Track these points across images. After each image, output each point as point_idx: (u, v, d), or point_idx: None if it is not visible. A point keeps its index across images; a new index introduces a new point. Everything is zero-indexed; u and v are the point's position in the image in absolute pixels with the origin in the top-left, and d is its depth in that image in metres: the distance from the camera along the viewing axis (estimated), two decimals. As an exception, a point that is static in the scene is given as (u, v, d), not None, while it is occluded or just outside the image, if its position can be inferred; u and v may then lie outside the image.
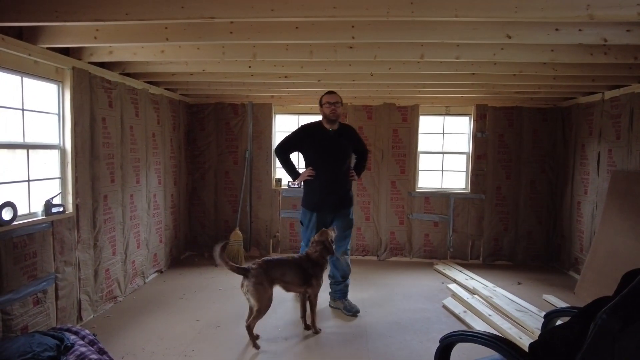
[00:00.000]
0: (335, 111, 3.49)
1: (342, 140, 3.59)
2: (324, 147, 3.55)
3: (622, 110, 4.16)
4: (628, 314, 1.05)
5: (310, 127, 3.65)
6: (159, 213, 4.79)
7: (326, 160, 3.56)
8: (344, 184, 3.63)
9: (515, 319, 3.48)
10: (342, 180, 3.60)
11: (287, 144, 3.67)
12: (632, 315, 1.04)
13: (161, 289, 4.30)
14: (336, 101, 3.49)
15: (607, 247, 4.00)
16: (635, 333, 1.05)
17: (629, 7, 2.13)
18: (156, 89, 4.61)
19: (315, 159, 3.60)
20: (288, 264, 3.19)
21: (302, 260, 3.23)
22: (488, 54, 3.11)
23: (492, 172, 5.46)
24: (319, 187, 3.56)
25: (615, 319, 1.05)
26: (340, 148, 3.58)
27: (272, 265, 3.11)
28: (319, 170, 3.56)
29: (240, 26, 2.73)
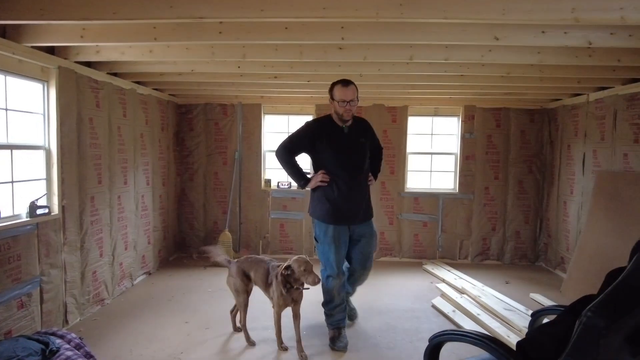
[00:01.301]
0: (350, 112, 2.94)
1: (359, 138, 3.04)
2: (339, 148, 2.98)
3: (606, 112, 4.24)
4: (612, 311, 1.07)
5: (321, 125, 3.07)
6: (147, 214, 4.74)
7: (343, 163, 2.99)
8: (365, 188, 3.11)
9: (503, 318, 3.52)
10: (363, 184, 3.08)
11: (293, 145, 3.12)
12: (616, 312, 1.06)
13: (150, 290, 4.25)
14: (352, 99, 2.90)
15: (592, 246, 4.07)
16: (619, 329, 1.07)
17: (612, 10, 2.17)
18: (144, 89, 4.56)
19: (330, 162, 3.01)
20: (261, 264, 3.09)
21: (273, 268, 3.00)
22: (476, 56, 3.15)
23: (480, 173, 5.51)
24: (336, 195, 2.98)
25: (599, 316, 1.07)
26: (357, 148, 3.02)
27: (249, 261, 3.16)
28: (335, 175, 2.99)
29: (230, 26, 2.72)
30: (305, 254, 5.62)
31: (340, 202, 2.98)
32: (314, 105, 5.51)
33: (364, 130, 3.11)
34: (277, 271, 2.89)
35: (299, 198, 5.59)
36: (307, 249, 5.63)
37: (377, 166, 3.30)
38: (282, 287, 2.81)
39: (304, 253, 5.62)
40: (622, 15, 2.17)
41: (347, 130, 3.02)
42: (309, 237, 5.62)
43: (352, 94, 2.91)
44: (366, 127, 3.17)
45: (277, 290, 2.86)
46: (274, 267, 3.00)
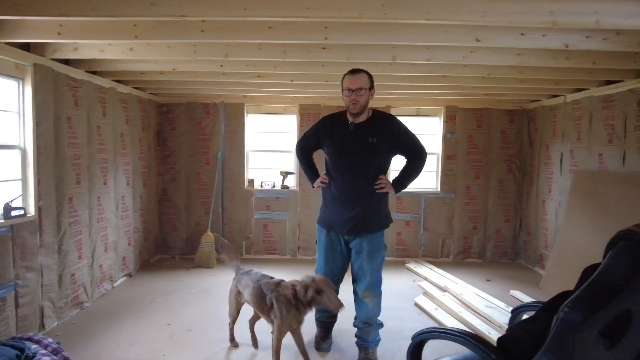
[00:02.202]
0: (357, 102, 2.59)
1: (367, 136, 2.64)
2: (339, 145, 2.72)
3: (582, 113, 4.35)
4: (587, 307, 1.10)
5: (331, 120, 2.84)
6: (128, 215, 4.66)
7: (340, 162, 2.73)
8: (366, 196, 2.69)
9: (484, 315, 3.58)
10: (361, 190, 2.68)
11: (304, 142, 2.95)
12: (592, 307, 1.09)
13: (130, 293, 4.18)
14: (359, 87, 2.57)
15: (570, 244, 4.17)
16: (594, 324, 1.09)
17: (588, 14, 2.24)
18: (125, 88, 4.48)
19: (329, 162, 2.81)
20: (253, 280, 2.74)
21: (268, 285, 2.61)
22: (458, 57, 3.19)
23: (461, 172, 5.59)
24: (330, 198, 2.80)
25: (576, 311, 1.10)
26: (360, 147, 2.65)
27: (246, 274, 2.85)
28: (333, 175, 2.78)
29: (213, 25, 2.70)
30: (289, 254, 5.61)
31: (332, 208, 2.78)
32: (298, 105, 5.50)
33: (379, 129, 2.66)
34: (281, 291, 2.51)
35: (283, 198, 5.57)
36: (291, 249, 5.62)
37: (406, 175, 2.77)
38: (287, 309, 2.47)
39: (287, 254, 5.61)
40: (597, 19, 2.24)
41: (354, 127, 2.68)
42: (293, 237, 5.61)
43: (360, 82, 2.58)
44: (385, 125, 2.69)
45: (281, 313, 2.49)
46: (268, 285, 2.61)
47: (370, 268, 2.75)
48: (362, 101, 2.62)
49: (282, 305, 2.49)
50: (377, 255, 2.76)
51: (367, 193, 2.69)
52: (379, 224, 2.76)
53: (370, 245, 2.73)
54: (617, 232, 1.12)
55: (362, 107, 2.64)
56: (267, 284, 2.63)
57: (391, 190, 2.73)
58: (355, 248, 2.77)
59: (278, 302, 2.51)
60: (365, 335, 2.85)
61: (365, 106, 2.67)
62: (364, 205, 2.69)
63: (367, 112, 2.71)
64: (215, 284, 4.46)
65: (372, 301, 2.80)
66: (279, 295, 2.52)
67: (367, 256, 2.74)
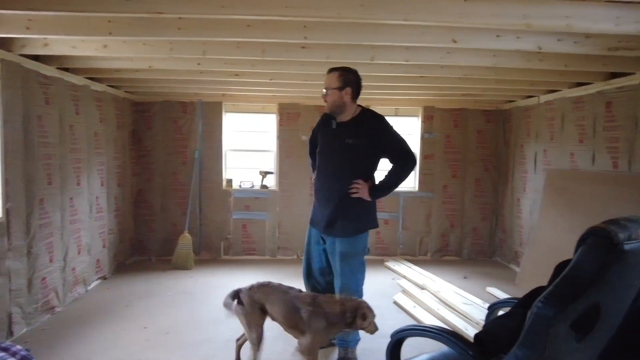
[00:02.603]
0: (326, 101, 2.63)
1: (345, 137, 2.60)
2: (322, 144, 2.77)
3: (555, 114, 4.48)
4: (559, 301, 1.13)
5: (326, 116, 2.79)
6: (103, 216, 4.54)
7: (320, 161, 2.77)
8: (339, 199, 2.63)
9: (462, 312, 3.64)
10: (335, 192, 2.64)
11: (311, 135, 2.98)
12: (563, 301, 1.12)
13: (105, 296, 4.07)
14: (326, 86, 2.61)
15: (543, 241, 4.29)
16: (565, 318, 1.13)
17: (559, 18, 2.31)
18: (99, 86, 4.36)
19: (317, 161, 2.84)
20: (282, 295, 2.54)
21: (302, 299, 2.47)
22: (435, 58, 3.24)
23: (439, 172, 5.67)
24: (314, 195, 2.88)
25: (548, 306, 1.13)
26: (336, 147, 2.65)
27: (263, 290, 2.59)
28: (317, 173, 2.83)
29: (189, 22, 2.65)
30: (268, 254, 5.58)
31: (315, 204, 2.85)
32: (277, 104, 5.48)
33: (359, 129, 2.60)
34: (325, 308, 2.39)
35: (262, 198, 5.54)
36: (270, 250, 5.59)
37: (386, 180, 2.66)
38: (326, 326, 2.37)
39: (267, 254, 5.58)
40: (568, 23, 2.32)
41: (336, 127, 2.66)
42: (273, 237, 5.58)
43: (328, 82, 2.59)
44: (366, 126, 2.61)
45: (318, 329, 2.38)
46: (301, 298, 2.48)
47: (343, 271, 2.70)
48: (330, 101, 2.61)
49: (320, 321, 2.37)
50: (351, 260, 2.68)
51: (340, 196, 2.63)
52: (350, 229, 2.65)
53: (342, 248, 2.68)
54: (587, 228, 1.16)
55: (331, 107, 2.63)
56: (299, 297, 2.49)
57: (366, 196, 2.60)
58: (329, 248, 2.77)
59: (316, 317, 2.38)
60: (344, 335, 2.80)
61: (338, 106, 2.62)
62: (336, 208, 2.65)
63: (352, 112, 2.66)
64: (193, 286, 4.40)
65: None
66: (319, 310, 2.39)
67: (340, 258, 2.70)
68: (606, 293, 1.17)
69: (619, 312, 1.30)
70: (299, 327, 2.44)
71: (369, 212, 2.74)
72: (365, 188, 2.61)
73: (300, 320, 2.41)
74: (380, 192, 2.68)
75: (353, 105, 2.67)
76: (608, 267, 1.12)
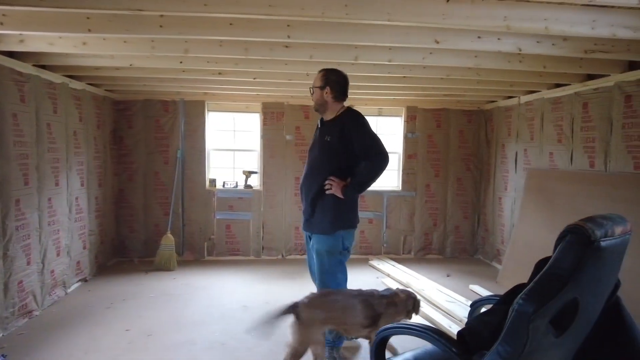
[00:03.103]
0: (313, 100, 2.78)
1: (325, 135, 2.69)
2: (311, 143, 2.90)
3: (535, 114, 4.57)
4: (540, 298, 1.15)
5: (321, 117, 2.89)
6: (83, 217, 4.44)
7: (307, 160, 2.86)
8: (315, 195, 2.69)
9: (445, 309, 3.68)
10: (312, 189, 2.71)
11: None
12: (543, 298, 1.15)
13: (86, 299, 3.99)
14: (311, 86, 2.76)
15: (524, 239, 4.38)
16: (545, 314, 1.15)
17: (538, 21, 2.36)
18: (78, 84, 4.27)
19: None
20: (346, 297, 2.57)
21: (377, 299, 2.59)
22: (418, 58, 3.27)
23: (422, 171, 5.73)
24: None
25: (529, 303, 1.15)
26: (318, 145, 2.75)
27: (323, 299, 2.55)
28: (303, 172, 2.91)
29: (171, 20, 2.61)
30: (253, 255, 5.55)
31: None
32: (261, 103, 5.45)
33: (337, 127, 2.66)
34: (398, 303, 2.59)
35: (246, 198, 5.50)
36: (255, 250, 5.56)
37: (359, 176, 2.63)
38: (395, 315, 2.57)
39: (251, 254, 5.55)
40: (546, 26, 2.37)
41: (321, 125, 2.79)
42: (257, 237, 5.55)
43: (314, 81, 2.73)
44: (342, 123, 2.65)
45: (391, 318, 2.54)
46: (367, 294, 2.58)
47: (320, 269, 2.73)
48: (314, 99, 2.74)
49: (394, 309, 2.57)
50: (326, 259, 2.69)
51: (316, 191, 2.68)
52: (325, 225, 2.67)
53: (317, 245, 2.72)
54: (566, 226, 1.18)
55: (315, 105, 2.76)
56: (365, 294, 2.60)
57: (338, 193, 2.61)
58: (310, 245, 2.84)
59: (390, 307, 2.56)
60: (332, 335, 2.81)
61: (320, 104, 2.72)
62: (312, 203, 2.71)
63: (335, 111, 2.72)
64: (176, 287, 4.34)
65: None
66: (390, 301, 2.59)
67: (316, 255, 2.74)
68: (584, 289, 1.20)
69: (596, 308, 1.33)
70: (375, 323, 2.50)
71: (345, 210, 2.70)
72: (339, 185, 2.63)
73: (378, 316, 2.51)
74: (352, 190, 2.65)
75: (336, 105, 2.73)
76: (586, 263, 1.15)
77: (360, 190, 2.70)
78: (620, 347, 1.38)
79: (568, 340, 1.28)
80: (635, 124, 3.30)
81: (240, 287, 4.38)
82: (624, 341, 1.38)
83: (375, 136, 2.66)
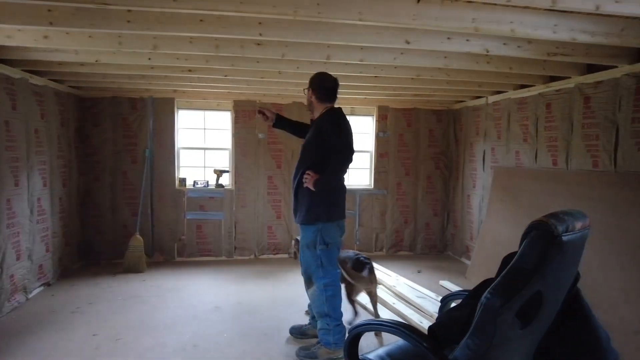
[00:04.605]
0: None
1: (308, 133, 2.96)
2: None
3: (502, 114, 4.72)
4: (506, 292, 1.19)
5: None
6: (45, 219, 4.26)
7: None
8: (295, 186, 2.91)
9: (416, 305, 3.75)
10: (293, 181, 2.94)
11: None
12: (509, 292, 1.19)
13: (49, 304, 3.83)
14: (304, 87, 2.99)
15: (492, 235, 4.51)
16: (511, 307, 1.19)
17: (504, 23, 2.44)
18: (39, 80, 4.08)
19: None
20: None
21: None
22: (389, 58, 3.31)
23: (393, 170, 5.82)
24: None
25: (496, 297, 1.19)
26: (303, 146, 2.96)
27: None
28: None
29: (139, 15, 2.53)
30: (225, 255, 5.48)
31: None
32: (232, 101, 5.39)
33: (315, 126, 2.88)
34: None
35: (217, 197, 5.42)
36: (227, 250, 5.49)
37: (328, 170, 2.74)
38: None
39: (223, 255, 5.48)
40: (512, 28, 2.45)
41: (310, 123, 3.03)
42: (229, 238, 5.48)
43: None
44: (320, 123, 2.83)
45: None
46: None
47: (303, 259, 2.97)
48: (307, 101, 2.97)
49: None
50: (306, 249, 2.89)
51: (297, 184, 2.88)
52: (301, 216, 2.89)
53: (302, 234, 2.96)
54: (530, 222, 1.23)
55: (307, 105, 2.99)
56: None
57: (311, 186, 2.73)
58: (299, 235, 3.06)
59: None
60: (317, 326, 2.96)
61: (309, 104, 2.96)
62: (295, 195, 2.93)
63: (319, 111, 2.90)
64: (146, 289, 4.23)
65: (310, 291, 2.96)
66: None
67: (301, 245, 2.96)
68: (547, 282, 1.25)
69: (558, 299, 1.39)
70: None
71: (317, 202, 2.79)
72: (312, 179, 2.74)
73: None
74: (319, 183, 2.74)
75: (321, 106, 2.91)
76: (549, 257, 1.20)
77: (325, 184, 2.77)
78: (580, 335, 1.44)
79: (533, 331, 1.33)
80: (594, 124, 3.46)
81: (212, 288, 4.32)
82: (584, 330, 1.45)
83: (342, 134, 2.78)
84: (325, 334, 2.84)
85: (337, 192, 2.91)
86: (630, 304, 2.78)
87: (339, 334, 2.82)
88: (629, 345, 2.64)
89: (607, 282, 2.96)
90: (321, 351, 2.84)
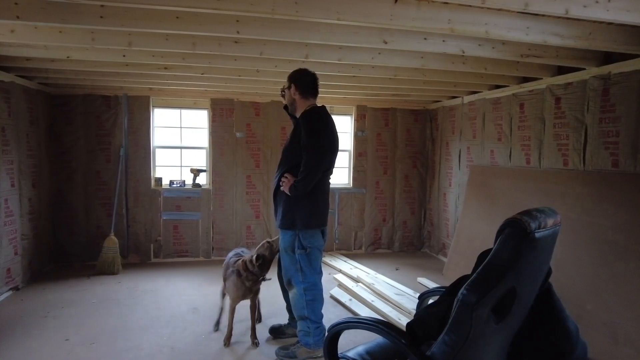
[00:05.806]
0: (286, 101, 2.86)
1: (290, 135, 2.87)
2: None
3: (477, 113, 4.82)
4: (482, 288, 1.22)
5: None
6: (14, 220, 4.10)
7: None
8: (277, 192, 2.83)
9: (394, 302, 3.79)
10: (274, 184, 2.87)
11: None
12: (485, 288, 1.22)
13: (18, 308, 3.69)
14: (281, 87, 2.89)
15: (467, 232, 4.61)
16: (487, 303, 1.22)
17: (479, 25, 2.49)
18: (6, 76, 3.93)
19: None
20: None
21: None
22: (367, 58, 3.33)
23: (371, 169, 5.87)
24: None
25: (472, 293, 1.22)
26: (284, 146, 2.91)
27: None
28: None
29: (113, 11, 2.46)
30: (202, 255, 5.41)
31: None
32: (209, 99, 5.32)
33: (295, 126, 2.82)
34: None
35: (194, 197, 5.35)
36: (204, 251, 5.42)
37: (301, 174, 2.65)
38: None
39: (200, 255, 5.41)
40: (486, 30, 2.51)
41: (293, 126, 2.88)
42: (207, 238, 5.41)
43: (284, 85, 2.86)
44: (298, 123, 2.76)
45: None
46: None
47: (282, 263, 2.91)
48: (287, 100, 2.84)
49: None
50: (285, 253, 2.83)
51: (276, 188, 2.83)
52: (279, 221, 2.82)
53: (280, 238, 2.89)
54: (505, 220, 1.26)
55: (289, 106, 2.84)
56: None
57: (287, 190, 2.69)
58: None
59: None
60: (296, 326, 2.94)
61: (291, 103, 2.83)
62: (274, 199, 2.88)
63: (302, 109, 2.80)
64: (121, 291, 4.14)
65: (291, 294, 2.90)
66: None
67: (281, 249, 2.89)
68: (521, 278, 1.29)
69: (531, 294, 1.43)
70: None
71: (291, 208, 2.73)
72: (289, 183, 2.69)
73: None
74: (293, 189, 2.67)
75: (304, 103, 2.80)
76: (522, 254, 1.23)
77: (301, 188, 2.65)
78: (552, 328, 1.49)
79: (507, 325, 1.37)
80: (564, 124, 3.57)
81: (190, 290, 4.26)
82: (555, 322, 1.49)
83: (315, 134, 2.67)
84: (305, 335, 2.82)
85: (318, 199, 2.76)
86: (598, 297, 2.89)
87: (319, 336, 2.82)
88: (597, 336, 2.75)
89: (576, 276, 3.06)
90: (300, 350, 2.84)
